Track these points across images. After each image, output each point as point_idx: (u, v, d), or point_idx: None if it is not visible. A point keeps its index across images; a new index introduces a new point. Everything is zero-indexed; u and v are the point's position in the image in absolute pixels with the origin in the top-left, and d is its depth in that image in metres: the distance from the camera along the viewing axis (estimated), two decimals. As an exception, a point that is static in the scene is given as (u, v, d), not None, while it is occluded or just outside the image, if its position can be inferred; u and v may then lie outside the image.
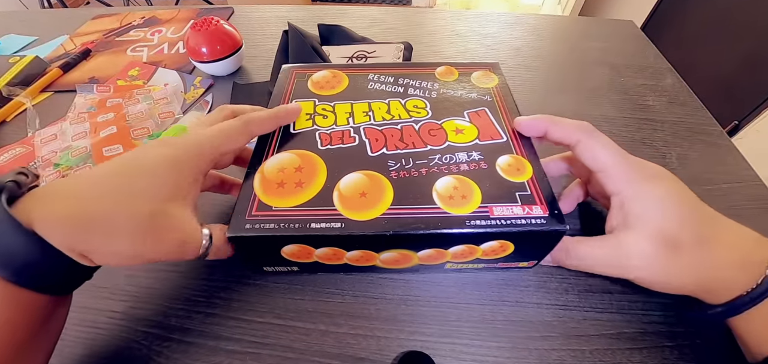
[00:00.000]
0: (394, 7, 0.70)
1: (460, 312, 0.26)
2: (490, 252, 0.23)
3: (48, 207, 0.17)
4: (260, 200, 0.22)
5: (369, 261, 0.24)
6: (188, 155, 0.21)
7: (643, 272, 0.22)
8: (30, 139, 0.38)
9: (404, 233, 0.20)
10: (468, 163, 0.24)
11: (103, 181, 0.19)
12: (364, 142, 0.26)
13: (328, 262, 0.23)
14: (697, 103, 0.43)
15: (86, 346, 0.24)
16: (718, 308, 0.21)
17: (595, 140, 0.24)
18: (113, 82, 0.47)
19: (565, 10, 1.94)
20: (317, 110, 0.28)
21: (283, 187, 0.22)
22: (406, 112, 0.28)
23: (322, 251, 0.22)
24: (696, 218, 0.21)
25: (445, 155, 0.25)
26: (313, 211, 0.21)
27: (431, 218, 0.21)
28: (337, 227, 0.20)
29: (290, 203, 0.22)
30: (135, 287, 0.27)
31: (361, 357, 0.24)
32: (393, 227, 0.20)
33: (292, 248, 0.22)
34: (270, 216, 0.21)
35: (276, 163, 0.24)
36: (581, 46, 0.54)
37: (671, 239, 0.21)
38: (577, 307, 0.26)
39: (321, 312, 0.26)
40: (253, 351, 0.24)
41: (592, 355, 0.24)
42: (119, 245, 0.18)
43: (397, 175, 0.23)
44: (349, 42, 0.51)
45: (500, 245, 0.22)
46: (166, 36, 0.57)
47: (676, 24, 1.18)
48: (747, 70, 0.92)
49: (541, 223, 0.21)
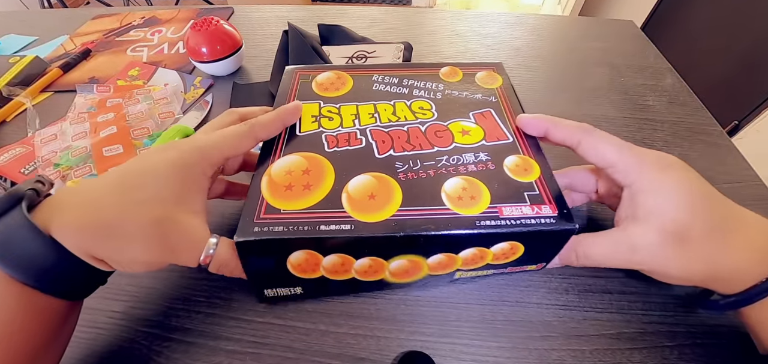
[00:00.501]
0: (394, 7, 0.70)
1: (460, 312, 0.26)
2: (501, 255, 0.23)
3: (65, 214, 0.18)
4: (268, 203, 0.21)
5: (377, 273, 0.23)
6: (193, 159, 0.21)
7: (651, 265, 0.22)
8: (30, 139, 0.38)
9: (415, 234, 0.20)
10: (475, 164, 0.24)
11: (111, 189, 0.19)
12: (370, 143, 0.25)
13: (334, 276, 0.23)
14: (697, 103, 0.43)
15: (86, 346, 0.24)
16: (731, 298, 0.21)
17: (596, 138, 0.24)
18: (113, 82, 0.47)
19: (565, 10, 1.94)
20: (322, 112, 0.28)
21: (291, 190, 0.22)
22: (411, 113, 0.28)
23: (330, 261, 0.21)
24: (708, 207, 0.21)
25: (453, 157, 0.25)
26: (322, 213, 0.21)
27: (441, 219, 0.21)
28: (347, 228, 0.20)
29: (299, 206, 0.21)
30: (135, 287, 0.27)
31: (361, 357, 0.24)
32: (403, 229, 0.20)
33: (300, 256, 0.21)
34: (278, 219, 0.21)
35: (283, 165, 0.24)
36: (581, 46, 0.54)
37: (681, 230, 0.20)
38: (577, 307, 0.26)
39: (321, 312, 0.26)
40: (253, 351, 0.24)
41: (592, 355, 0.24)
42: (133, 252, 0.19)
43: (405, 176, 0.23)
44: (349, 42, 0.51)
45: (510, 247, 0.22)
46: (166, 36, 0.57)
47: (676, 24, 1.18)
48: (747, 70, 0.92)
49: (551, 222, 0.21)
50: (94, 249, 0.18)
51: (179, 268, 0.28)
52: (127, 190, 0.19)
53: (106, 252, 0.18)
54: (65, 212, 0.18)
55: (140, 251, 0.19)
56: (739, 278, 0.20)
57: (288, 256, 0.21)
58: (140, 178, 0.20)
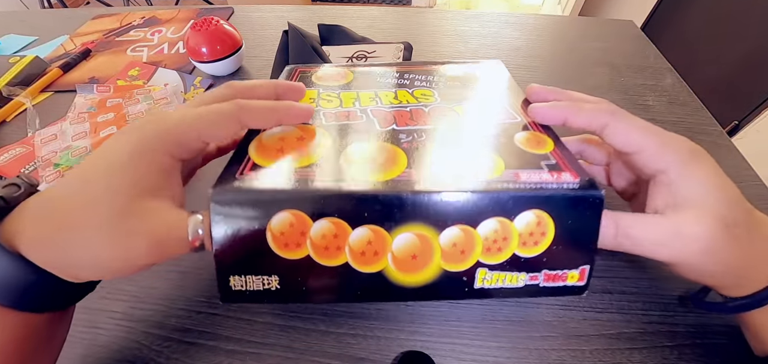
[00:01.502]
0: (394, 7, 0.70)
1: (460, 312, 0.26)
2: (529, 238, 0.19)
3: (27, 228, 0.16)
4: (254, 162, 0.19)
5: (378, 257, 0.18)
6: (154, 144, 0.18)
7: (689, 255, 0.20)
8: (30, 139, 0.38)
9: (426, 194, 0.17)
10: (485, 136, 0.22)
11: (69, 190, 0.17)
12: (371, 119, 0.23)
13: (324, 258, 0.18)
14: (697, 103, 0.43)
15: (86, 346, 0.24)
16: (741, 300, 0.20)
17: (624, 121, 0.21)
18: (113, 82, 0.47)
19: (565, 10, 1.94)
20: (322, 96, 0.26)
21: (283, 152, 0.20)
22: (414, 98, 0.27)
23: (321, 229, 0.17)
24: (740, 201, 0.20)
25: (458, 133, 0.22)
26: (317, 172, 0.18)
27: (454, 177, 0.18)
28: (345, 184, 0.18)
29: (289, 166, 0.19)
30: (135, 287, 0.27)
31: (361, 357, 0.24)
32: (411, 187, 0.17)
33: (284, 219, 0.17)
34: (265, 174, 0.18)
35: (276, 132, 0.21)
36: (581, 46, 0.54)
37: (729, 223, 0.19)
38: (577, 307, 0.26)
39: (321, 312, 0.26)
40: (253, 351, 0.24)
41: (592, 355, 0.24)
42: (99, 254, 0.17)
43: (409, 146, 0.21)
44: (349, 42, 0.51)
45: (538, 222, 0.18)
46: (166, 36, 0.57)
47: (676, 24, 1.18)
48: (747, 70, 0.92)
49: (575, 187, 0.18)
50: (60, 262, 0.16)
51: (179, 268, 0.28)
52: (83, 187, 0.17)
53: (72, 261, 0.16)
54: (27, 225, 0.16)
55: (107, 252, 0.16)
56: (751, 278, 0.20)
57: (270, 219, 0.17)
58: (94, 171, 0.17)
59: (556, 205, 0.18)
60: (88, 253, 0.16)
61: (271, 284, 0.19)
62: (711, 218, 0.19)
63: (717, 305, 0.22)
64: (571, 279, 0.20)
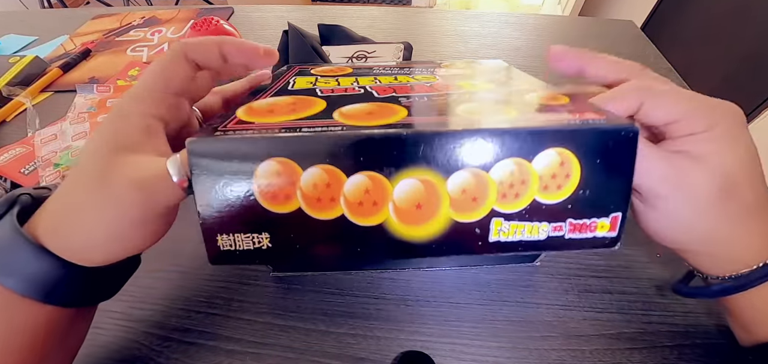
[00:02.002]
0: (394, 7, 0.70)
1: (460, 312, 0.26)
2: (550, 180, 0.16)
3: (46, 219, 0.17)
4: (240, 119, 0.17)
5: (377, 208, 0.16)
6: (128, 107, 0.19)
7: (683, 207, 0.19)
8: (30, 139, 0.38)
9: (429, 134, 0.15)
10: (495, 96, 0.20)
11: (70, 176, 0.19)
12: (370, 92, 0.22)
13: (317, 211, 0.16)
14: (697, 103, 0.43)
15: (86, 346, 0.24)
16: (722, 285, 0.20)
17: (662, 98, 0.19)
18: (113, 82, 0.47)
19: (565, 10, 1.94)
20: (319, 81, 0.25)
21: (273, 113, 0.18)
22: (415, 80, 0.25)
23: (312, 177, 0.15)
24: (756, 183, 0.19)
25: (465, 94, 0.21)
26: (307, 124, 0.16)
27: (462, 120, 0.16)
28: (338, 129, 0.16)
29: (278, 120, 0.17)
30: (135, 287, 0.27)
31: (361, 357, 0.24)
32: (412, 126, 0.15)
33: (271, 168, 0.16)
34: (250, 127, 0.16)
35: (268, 99, 0.21)
36: (581, 46, 0.53)
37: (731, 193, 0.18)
38: (577, 307, 0.26)
39: (321, 312, 0.26)
40: (253, 351, 0.24)
41: (592, 355, 0.24)
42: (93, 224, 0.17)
43: (410, 104, 0.19)
44: (349, 42, 0.51)
45: (560, 162, 0.16)
46: (166, 36, 0.57)
47: (676, 24, 1.18)
48: (747, 70, 0.92)
49: (602, 122, 0.16)
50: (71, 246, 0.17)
51: (179, 268, 0.28)
52: (76, 168, 0.18)
53: (79, 239, 0.17)
54: (45, 217, 0.17)
55: (98, 214, 0.17)
56: (728, 258, 0.19)
57: (255, 169, 0.15)
58: (84, 151, 0.19)
59: (583, 141, 0.16)
60: (86, 224, 0.17)
61: (261, 243, 0.17)
62: (720, 177, 0.18)
63: (700, 290, 0.22)
64: (601, 229, 0.17)
